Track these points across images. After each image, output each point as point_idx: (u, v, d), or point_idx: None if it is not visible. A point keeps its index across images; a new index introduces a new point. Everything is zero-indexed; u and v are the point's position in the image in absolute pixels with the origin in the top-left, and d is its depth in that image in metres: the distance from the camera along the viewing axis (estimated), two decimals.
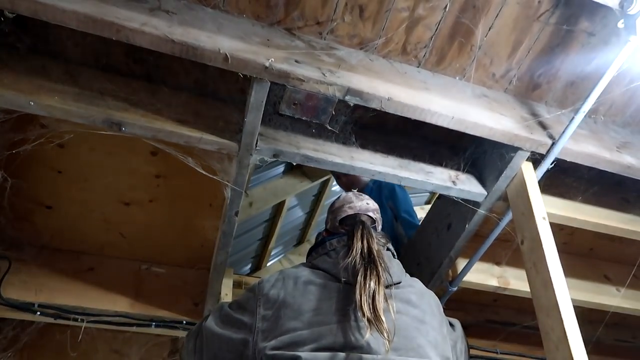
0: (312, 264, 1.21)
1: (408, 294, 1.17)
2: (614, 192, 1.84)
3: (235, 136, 1.39)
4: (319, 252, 1.24)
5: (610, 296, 2.04)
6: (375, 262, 1.15)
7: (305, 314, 1.06)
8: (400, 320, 1.09)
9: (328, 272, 1.16)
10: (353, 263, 1.14)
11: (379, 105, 1.34)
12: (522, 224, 1.50)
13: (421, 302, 1.17)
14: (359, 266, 1.13)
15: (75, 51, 1.38)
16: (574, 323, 1.26)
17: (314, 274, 1.16)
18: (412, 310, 1.13)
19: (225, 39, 1.24)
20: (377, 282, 1.10)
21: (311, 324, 1.05)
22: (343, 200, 1.41)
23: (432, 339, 1.11)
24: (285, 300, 1.09)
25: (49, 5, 1.09)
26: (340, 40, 1.46)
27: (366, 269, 1.12)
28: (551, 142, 1.49)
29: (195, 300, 1.98)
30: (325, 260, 1.20)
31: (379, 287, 1.09)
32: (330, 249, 1.22)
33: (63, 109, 1.26)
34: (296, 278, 1.14)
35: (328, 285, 1.12)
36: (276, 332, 1.05)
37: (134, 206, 1.84)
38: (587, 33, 1.51)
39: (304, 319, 1.05)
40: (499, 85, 1.63)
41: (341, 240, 1.24)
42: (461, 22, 1.45)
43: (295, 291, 1.11)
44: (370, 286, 1.08)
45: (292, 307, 1.08)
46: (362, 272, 1.11)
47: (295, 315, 1.06)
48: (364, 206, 1.38)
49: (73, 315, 1.79)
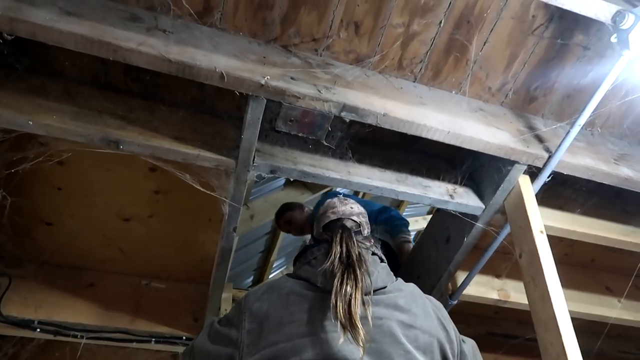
0: (296, 274, 1.20)
1: (395, 298, 1.13)
2: (613, 204, 1.83)
3: (232, 153, 1.40)
4: (302, 261, 1.22)
5: (611, 307, 2.03)
6: (353, 266, 1.12)
7: (287, 327, 1.04)
8: (385, 326, 1.06)
9: (309, 281, 1.14)
10: (331, 268, 1.12)
11: (374, 121, 1.35)
12: (520, 238, 1.50)
13: (412, 306, 1.13)
14: (336, 271, 1.11)
15: (73, 70, 1.40)
16: (572, 337, 1.25)
17: (297, 284, 1.14)
18: (400, 315, 1.10)
19: (221, 58, 1.25)
20: (355, 287, 1.07)
21: (292, 337, 1.03)
22: (327, 206, 1.37)
23: (422, 343, 1.08)
24: (268, 313, 1.08)
25: (47, 27, 1.11)
26: (336, 57, 1.47)
27: (343, 273, 1.10)
28: (548, 155, 1.49)
29: (195, 315, 1.98)
30: (307, 269, 1.18)
31: (355, 292, 1.06)
32: (312, 257, 1.20)
33: (61, 127, 1.28)
34: (280, 289, 1.13)
35: (308, 295, 1.10)
36: (259, 346, 1.03)
37: (133, 222, 1.85)
38: (582, 46, 1.51)
39: (285, 332, 1.04)
40: (495, 98, 1.63)
41: (321, 247, 1.21)
42: (456, 38, 1.46)
43: (278, 303, 1.09)
44: (346, 291, 1.06)
45: (274, 319, 1.06)
46: (339, 277, 1.09)
47: (276, 328, 1.05)
48: (348, 210, 1.34)
49: (73, 332, 1.79)
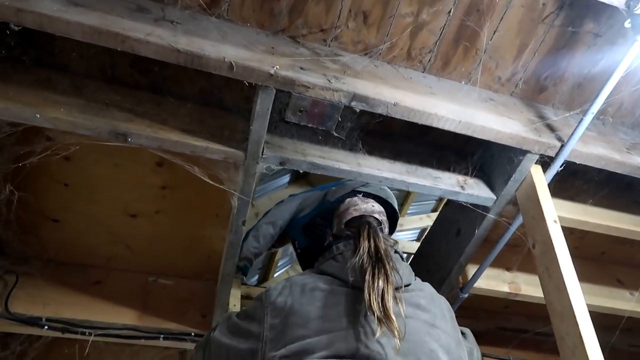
0: (319, 270, 1.19)
1: (417, 298, 1.14)
2: (625, 195, 1.81)
3: (241, 145, 1.39)
4: (326, 256, 1.22)
5: (623, 300, 2.01)
6: (382, 261, 1.13)
7: (313, 321, 1.04)
8: (410, 325, 1.06)
9: (335, 276, 1.14)
10: (360, 262, 1.13)
11: (385, 111, 1.33)
12: (533, 228, 1.48)
13: (431, 306, 1.14)
14: (366, 265, 1.11)
15: (81, 63, 1.39)
16: (589, 326, 1.23)
17: (321, 280, 1.13)
18: (422, 315, 1.11)
19: (229, 48, 1.23)
20: (386, 281, 1.08)
21: (320, 331, 1.02)
22: (348, 204, 1.41)
23: (445, 343, 1.08)
24: (293, 307, 1.07)
25: (54, 18, 1.09)
26: (345, 47, 1.46)
27: (374, 267, 1.10)
28: (560, 144, 1.48)
29: (203, 312, 1.96)
30: (332, 264, 1.18)
31: (387, 286, 1.07)
32: (337, 252, 1.20)
33: (69, 121, 1.26)
34: (303, 285, 1.12)
35: (335, 290, 1.10)
36: (284, 341, 1.03)
37: (140, 218, 1.83)
38: (593, 34, 1.50)
39: (312, 327, 1.03)
40: (505, 88, 1.62)
41: (347, 243, 1.22)
42: (465, 26, 1.44)
43: (302, 298, 1.09)
44: (378, 285, 1.06)
45: (300, 314, 1.06)
46: (370, 271, 1.09)
47: (303, 323, 1.04)
48: (370, 208, 1.37)
49: (81, 329, 1.77)
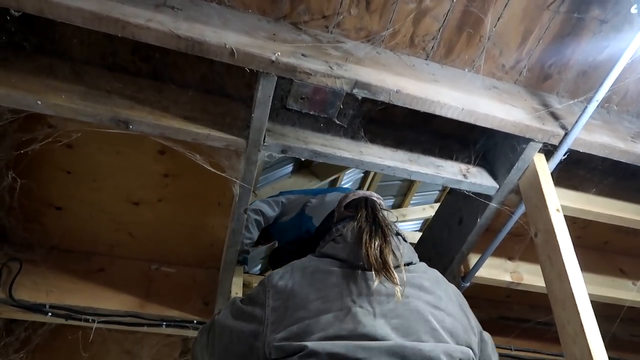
0: (320, 253, 1.20)
1: (420, 279, 1.13)
2: (629, 184, 1.80)
3: (242, 132, 1.38)
4: (326, 239, 1.23)
5: (626, 290, 2.01)
6: (380, 223, 1.16)
7: (312, 303, 1.04)
8: (412, 304, 1.06)
9: (336, 257, 1.14)
10: (358, 226, 1.16)
11: (387, 98, 1.32)
12: (536, 217, 1.47)
13: (435, 289, 1.13)
14: (364, 227, 1.14)
15: (82, 50, 1.38)
16: (590, 315, 1.23)
17: (322, 262, 1.14)
18: (425, 296, 1.10)
19: (231, 34, 1.23)
20: (384, 240, 1.11)
21: (318, 312, 1.03)
22: (347, 193, 1.42)
23: (449, 325, 1.07)
24: (293, 290, 1.08)
25: (54, 3, 1.09)
26: (347, 34, 1.44)
27: (371, 229, 1.14)
28: (564, 132, 1.47)
29: (206, 299, 1.98)
30: (332, 246, 1.18)
31: (385, 245, 1.10)
32: (337, 234, 1.20)
33: (70, 107, 1.26)
34: (304, 268, 1.13)
35: (335, 271, 1.10)
36: (285, 323, 1.03)
37: (142, 206, 1.84)
38: (599, 21, 1.48)
39: (311, 308, 1.04)
40: (509, 76, 1.60)
41: (347, 224, 1.22)
42: (469, 13, 1.43)
43: (303, 280, 1.09)
44: (376, 242, 1.10)
45: (300, 296, 1.06)
46: (367, 231, 1.13)
47: (302, 305, 1.05)
48: (368, 193, 1.38)
49: (84, 316, 1.79)
